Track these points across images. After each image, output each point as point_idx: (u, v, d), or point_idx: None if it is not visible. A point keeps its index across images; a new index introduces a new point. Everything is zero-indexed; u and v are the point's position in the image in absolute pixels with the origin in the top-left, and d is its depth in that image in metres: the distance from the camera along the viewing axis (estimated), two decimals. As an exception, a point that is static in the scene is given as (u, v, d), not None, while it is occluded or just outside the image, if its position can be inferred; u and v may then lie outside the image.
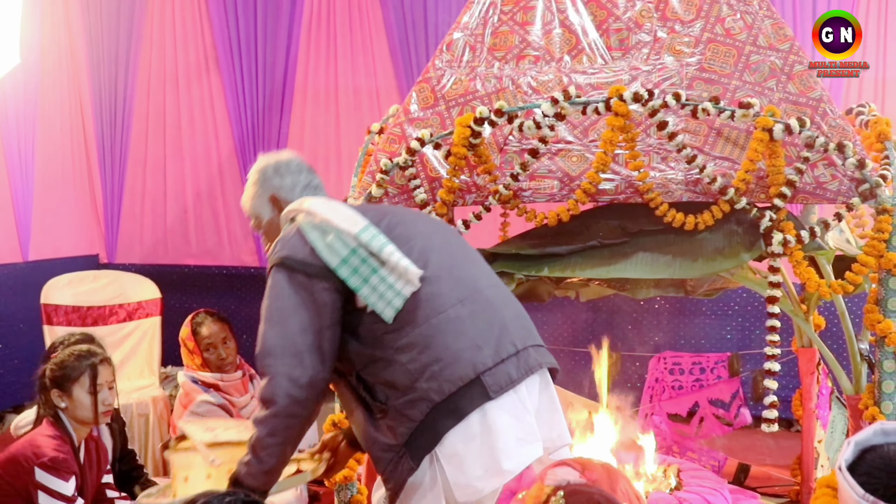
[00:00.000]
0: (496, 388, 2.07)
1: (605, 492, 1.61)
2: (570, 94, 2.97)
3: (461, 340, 2.09)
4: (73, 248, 5.97)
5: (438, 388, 2.04)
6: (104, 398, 2.86)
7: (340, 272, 2.09)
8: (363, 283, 2.09)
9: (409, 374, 2.06)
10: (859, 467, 1.50)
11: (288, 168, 2.43)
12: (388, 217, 2.26)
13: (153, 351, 4.92)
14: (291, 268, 2.13)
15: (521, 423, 2.11)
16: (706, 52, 3.12)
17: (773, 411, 3.00)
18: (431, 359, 2.06)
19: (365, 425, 2.14)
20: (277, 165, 2.43)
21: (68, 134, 5.96)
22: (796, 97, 3.00)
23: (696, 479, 3.71)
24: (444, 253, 2.23)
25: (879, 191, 2.86)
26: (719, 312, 5.43)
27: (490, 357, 2.09)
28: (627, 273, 3.07)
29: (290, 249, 2.16)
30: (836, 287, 2.96)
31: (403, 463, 2.06)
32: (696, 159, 2.93)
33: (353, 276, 2.09)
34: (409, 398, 2.05)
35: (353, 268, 2.10)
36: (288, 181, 2.41)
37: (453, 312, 2.12)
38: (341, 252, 2.11)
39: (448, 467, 2.04)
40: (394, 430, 2.07)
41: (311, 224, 2.16)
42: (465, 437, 2.05)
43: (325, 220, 2.15)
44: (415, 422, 2.05)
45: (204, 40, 6.06)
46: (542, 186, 3.09)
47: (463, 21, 3.36)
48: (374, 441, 2.12)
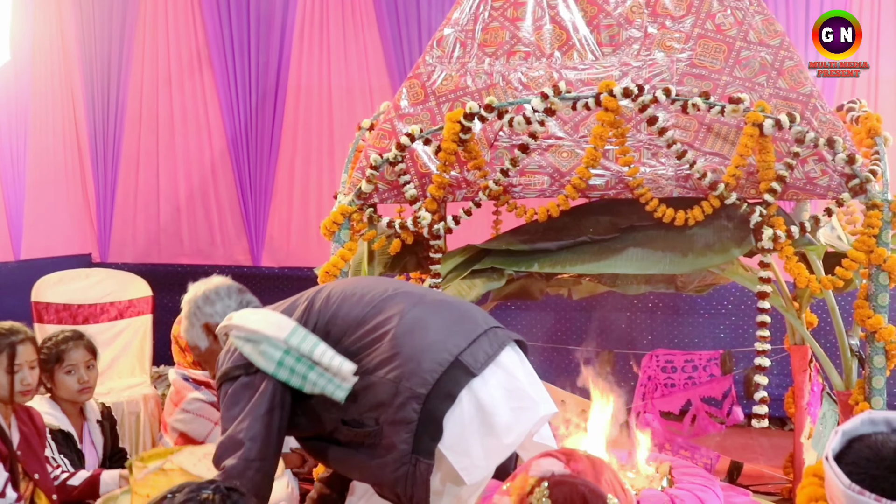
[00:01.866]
0: (477, 364, 2.10)
1: (589, 483, 1.60)
2: (560, 89, 2.96)
3: (429, 335, 2.14)
4: (65, 247, 5.95)
5: (422, 380, 2.05)
6: (23, 377, 2.86)
7: (279, 376, 2.16)
8: (304, 382, 2.16)
9: (389, 384, 2.09)
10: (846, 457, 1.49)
11: (217, 295, 2.50)
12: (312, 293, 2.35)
13: (144, 349, 4.90)
14: (235, 377, 2.21)
15: (512, 391, 2.14)
16: (696, 47, 3.12)
17: (764, 407, 3.00)
18: (405, 360, 2.09)
19: (366, 461, 2.15)
20: (206, 294, 2.51)
21: (60, 132, 5.94)
22: (787, 93, 3.00)
23: (687, 476, 3.70)
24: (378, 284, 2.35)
25: (869, 186, 2.86)
26: (712, 311, 5.43)
27: (462, 339, 2.14)
28: (618, 269, 3.07)
29: (230, 362, 2.23)
30: (826, 282, 2.95)
31: (420, 466, 2.06)
32: (687, 155, 2.93)
33: (292, 377, 2.16)
34: (398, 403, 2.07)
35: (289, 369, 2.16)
36: (219, 307, 2.48)
37: (411, 316, 2.18)
38: (274, 356, 2.16)
39: (452, 455, 2.06)
40: (394, 443, 2.07)
41: (241, 338, 2.22)
42: (460, 423, 2.06)
43: (252, 332, 2.19)
44: (412, 422, 2.05)
45: (197, 39, 6.05)
46: (532, 182, 3.08)
47: (453, 17, 3.36)
48: (383, 467, 2.11)
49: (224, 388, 2.23)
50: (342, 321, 2.22)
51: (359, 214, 3.19)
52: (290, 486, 3.81)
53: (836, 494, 1.45)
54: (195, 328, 2.51)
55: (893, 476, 1.41)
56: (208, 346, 2.51)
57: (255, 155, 6.03)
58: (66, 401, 3.22)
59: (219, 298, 2.50)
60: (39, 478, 2.84)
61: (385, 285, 2.33)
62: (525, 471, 1.66)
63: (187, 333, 2.53)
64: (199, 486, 1.48)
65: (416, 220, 3.12)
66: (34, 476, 2.83)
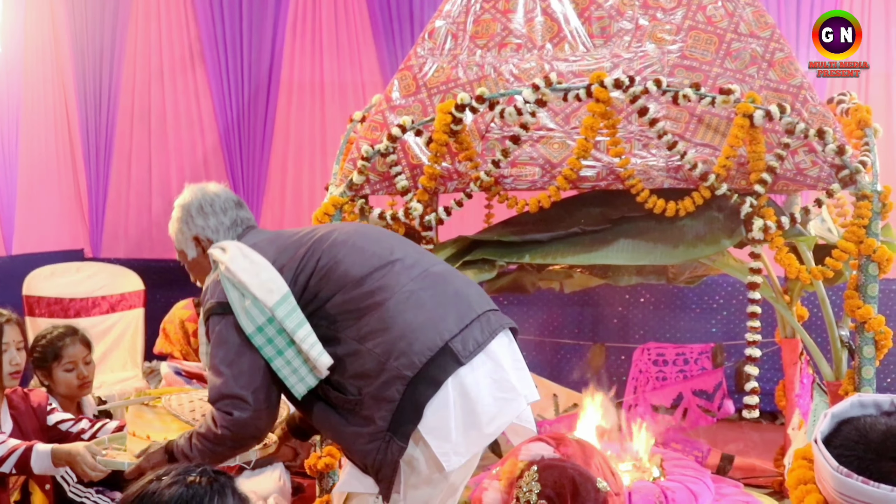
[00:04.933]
0: (465, 353, 2.09)
1: (578, 466, 1.61)
2: (552, 80, 2.96)
3: (422, 313, 2.11)
4: (57, 242, 5.93)
5: (409, 362, 2.05)
6: (11, 358, 2.86)
7: (255, 340, 2.13)
8: (277, 355, 2.13)
9: (376, 357, 2.08)
10: (835, 439, 1.50)
11: (213, 208, 2.43)
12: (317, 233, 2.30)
13: (136, 343, 4.91)
14: (225, 313, 2.17)
15: (498, 382, 2.13)
16: (687, 39, 3.13)
17: (755, 397, 3.01)
18: (396, 336, 2.08)
19: (343, 425, 2.15)
20: (202, 204, 2.43)
21: (52, 127, 5.93)
22: (777, 84, 3.01)
23: (679, 468, 3.71)
24: (382, 242, 2.28)
25: (859, 177, 2.87)
26: (704, 306, 5.44)
27: (454, 324, 2.12)
28: (609, 259, 3.08)
29: (219, 296, 2.19)
30: (816, 273, 2.97)
31: (392, 446, 2.06)
32: (677, 146, 2.93)
33: (267, 346, 2.13)
34: (383, 380, 2.06)
35: (267, 337, 2.14)
36: (212, 222, 2.42)
37: (407, 290, 2.15)
38: (257, 320, 2.13)
39: (431, 439, 2.05)
40: (373, 417, 2.07)
41: (229, 281, 2.18)
42: (443, 407, 2.06)
43: (242, 284, 2.15)
44: (394, 402, 2.05)
45: (189, 34, 6.04)
46: (523, 173, 3.08)
47: (445, 9, 3.36)
48: (357, 436, 2.11)
49: (212, 321, 2.20)
50: (340, 277, 2.18)
51: (350, 205, 3.18)
52: (281, 478, 3.81)
53: (825, 477, 1.46)
54: (184, 235, 2.43)
55: (881, 458, 1.42)
56: (195, 257, 2.45)
57: (248, 150, 6.02)
58: (64, 396, 3.22)
59: (213, 213, 2.42)
60: None
61: (390, 245, 2.28)
62: (515, 455, 1.68)
63: (176, 236, 2.46)
64: (185, 469, 1.48)
65: (408, 211, 3.12)
66: None
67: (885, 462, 1.41)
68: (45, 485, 2.87)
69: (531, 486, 1.56)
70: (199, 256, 2.42)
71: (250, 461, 2.79)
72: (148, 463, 2.26)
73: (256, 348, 2.13)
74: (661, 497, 3.40)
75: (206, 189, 2.47)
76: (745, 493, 3.81)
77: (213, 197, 2.44)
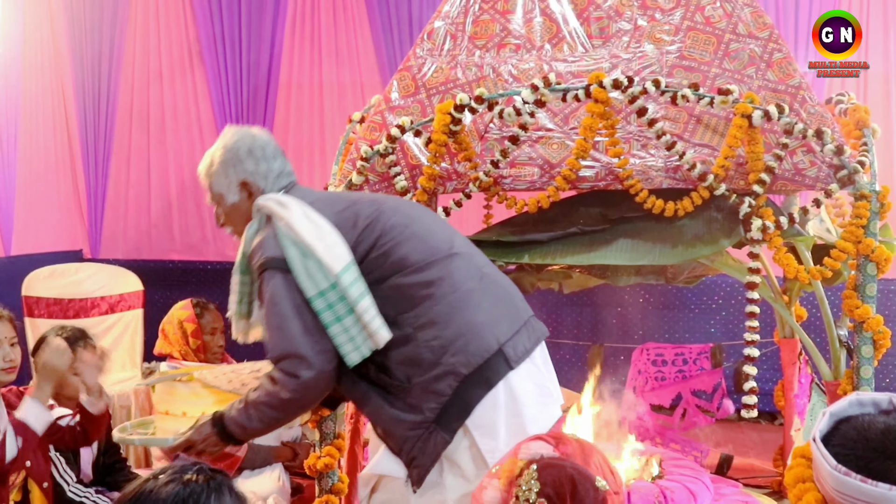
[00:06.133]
0: (515, 358, 2.15)
1: (578, 465, 1.62)
2: (551, 80, 2.97)
3: (480, 314, 2.14)
4: (56, 243, 5.95)
5: (466, 361, 2.08)
6: (5, 354, 2.84)
7: (315, 303, 2.09)
8: (336, 321, 2.09)
9: (433, 350, 2.10)
10: (833, 438, 1.50)
11: (263, 153, 2.34)
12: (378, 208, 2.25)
13: (135, 343, 4.91)
14: (283, 269, 2.11)
15: (540, 388, 2.21)
16: (686, 39, 3.13)
17: (753, 397, 3.02)
18: (455, 333, 2.10)
19: (383, 407, 2.15)
20: (252, 147, 2.33)
21: (51, 128, 5.94)
22: (775, 84, 3.01)
23: (678, 468, 3.72)
24: (442, 232, 2.28)
25: (857, 177, 2.87)
26: (703, 306, 5.45)
27: (507, 329, 2.17)
28: (608, 259, 3.08)
29: (275, 251, 2.13)
30: (814, 273, 2.97)
31: (435, 438, 2.09)
32: (676, 146, 2.94)
33: (326, 311, 2.09)
34: (435, 373, 2.08)
35: (328, 303, 2.09)
36: (263, 168, 2.32)
37: (468, 288, 2.17)
38: (320, 284, 2.09)
39: (479, 437, 2.09)
40: (420, 407, 2.10)
41: (290, 239, 2.13)
42: (493, 407, 2.11)
43: (306, 245, 2.10)
44: (445, 396, 2.08)
45: (188, 34, 6.06)
46: (522, 173, 3.09)
47: (444, 10, 3.37)
48: (398, 421, 2.13)
49: (269, 276, 2.13)
50: (400, 260, 2.17)
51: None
52: (280, 479, 3.83)
53: (824, 475, 1.46)
54: (229, 179, 2.31)
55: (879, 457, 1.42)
56: (236, 203, 2.33)
57: (247, 151, 6.03)
58: (67, 398, 3.20)
59: (263, 158, 2.32)
60: (31, 465, 2.83)
61: (449, 238, 2.27)
62: (514, 454, 1.68)
63: (215, 178, 2.34)
64: (182, 467, 1.49)
65: (407, 211, 3.12)
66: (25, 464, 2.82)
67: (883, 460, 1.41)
68: (42, 483, 2.88)
69: (530, 485, 1.56)
70: (242, 203, 2.32)
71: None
72: (199, 435, 2.23)
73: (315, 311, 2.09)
74: (660, 496, 3.41)
75: (253, 132, 2.38)
76: (743, 493, 3.82)
77: (263, 142, 2.35)
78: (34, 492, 2.88)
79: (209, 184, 2.36)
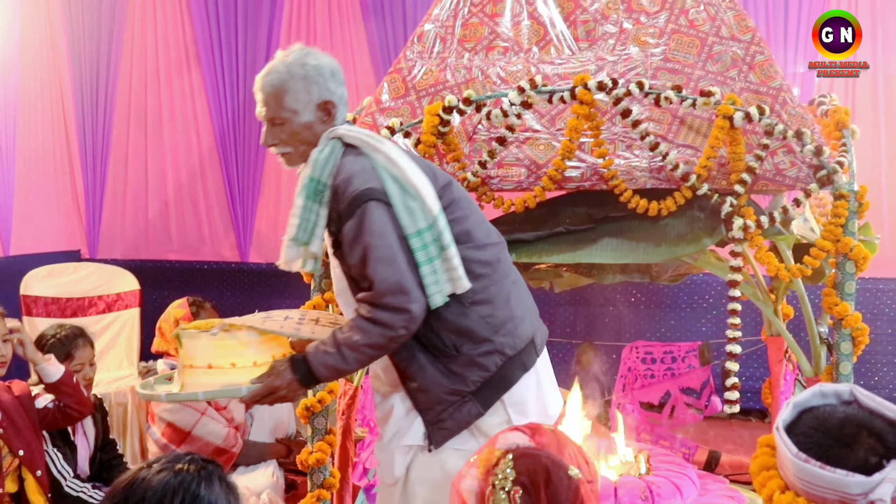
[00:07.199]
0: (540, 347, 2.33)
1: (552, 455, 1.67)
2: (537, 83, 3.03)
3: (521, 304, 2.29)
4: (54, 243, 5.99)
5: (513, 343, 2.21)
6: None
7: (412, 241, 2.06)
8: (427, 262, 2.08)
9: (487, 326, 2.18)
10: (796, 427, 1.55)
11: (342, 78, 2.26)
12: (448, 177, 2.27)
13: (132, 342, 4.97)
14: (386, 202, 2.07)
15: (551, 378, 2.39)
16: (670, 42, 3.19)
17: (735, 392, 3.07)
18: (508, 316, 2.21)
19: (428, 367, 2.19)
20: (334, 70, 2.23)
21: (50, 129, 5.99)
22: (757, 86, 3.07)
23: (665, 464, 3.78)
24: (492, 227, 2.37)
25: (836, 177, 2.93)
26: (694, 305, 5.50)
27: (535, 321, 2.33)
28: (593, 258, 3.14)
29: (376, 182, 2.09)
30: (794, 271, 3.03)
31: (469, 407, 2.19)
32: (660, 147, 2.99)
33: (421, 251, 2.07)
34: (485, 349, 2.18)
35: (423, 242, 2.08)
36: (341, 93, 2.24)
37: (512, 279, 2.31)
38: (419, 223, 2.07)
39: (513, 413, 2.21)
40: (464, 377, 2.19)
41: (390, 174, 2.10)
42: (526, 388, 2.26)
43: (409, 182, 2.08)
44: (489, 372, 2.19)
45: (185, 36, 6.09)
46: (509, 174, 3.14)
47: (434, 13, 3.42)
48: (438, 384, 2.19)
49: (371, 208, 2.06)
50: (466, 232, 2.19)
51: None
52: (275, 475, 3.87)
53: (786, 463, 1.52)
54: (311, 97, 2.19)
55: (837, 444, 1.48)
56: (309, 123, 2.21)
57: (243, 151, 6.08)
58: None
59: (342, 84, 2.25)
60: (24, 454, 2.88)
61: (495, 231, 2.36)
62: (492, 444, 1.74)
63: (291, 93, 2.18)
64: (174, 457, 1.54)
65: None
66: (18, 453, 2.88)
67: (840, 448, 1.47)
68: (36, 471, 2.93)
69: (506, 474, 1.62)
70: (315, 124, 2.21)
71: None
72: (282, 380, 2.13)
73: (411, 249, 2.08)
74: (647, 491, 3.47)
75: (326, 55, 2.27)
76: (730, 488, 3.88)
77: (337, 66, 2.26)
78: (28, 480, 2.93)
79: (282, 98, 2.19)
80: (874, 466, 1.44)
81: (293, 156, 2.25)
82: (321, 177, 2.14)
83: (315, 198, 2.15)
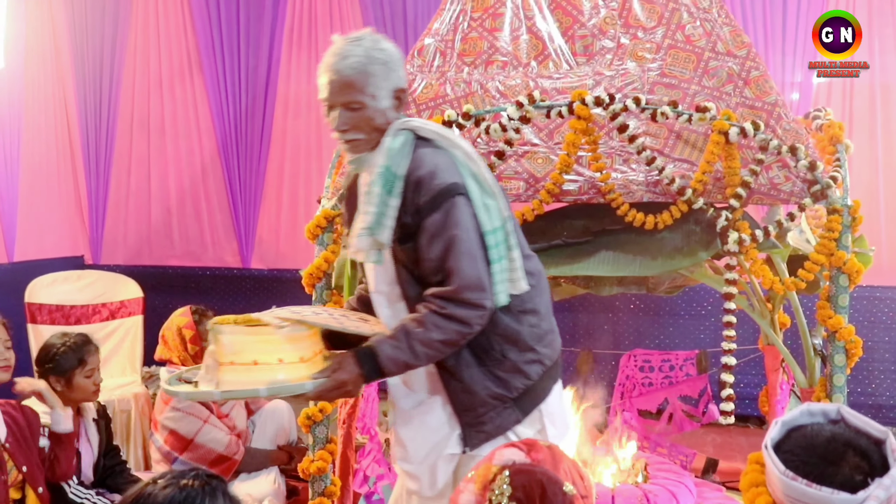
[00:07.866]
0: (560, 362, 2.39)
1: (548, 471, 1.71)
2: (535, 98, 3.07)
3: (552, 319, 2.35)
4: (58, 249, 6.02)
5: (551, 354, 2.29)
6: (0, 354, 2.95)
7: (488, 239, 2.09)
8: (499, 260, 2.12)
9: (534, 336, 2.24)
10: (784, 445, 1.60)
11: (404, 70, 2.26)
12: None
13: (135, 349, 5.00)
14: (468, 197, 2.10)
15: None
16: (667, 57, 3.23)
17: (730, 404, 3.11)
18: (549, 327, 2.30)
19: (475, 368, 2.21)
20: (401, 60, 2.23)
21: (53, 136, 6.01)
22: (752, 101, 3.11)
23: (662, 472, 3.82)
24: None
25: (830, 191, 2.97)
26: (693, 313, 5.53)
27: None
28: (590, 271, 3.18)
29: (458, 177, 2.10)
30: (789, 283, 3.07)
31: (509, 413, 2.23)
32: (656, 161, 3.04)
33: (494, 249, 2.10)
34: (530, 358, 2.23)
35: (497, 241, 2.11)
36: (406, 83, 2.25)
37: (549, 292, 2.37)
38: (494, 222, 2.11)
39: (548, 422, 2.28)
40: (507, 382, 2.22)
41: (469, 171, 2.12)
42: (558, 399, 2.36)
43: (485, 181, 2.13)
44: (531, 380, 2.24)
45: (187, 43, 6.13)
46: (508, 187, 3.18)
47: (434, 27, 3.46)
48: (483, 386, 2.21)
49: (458, 202, 2.07)
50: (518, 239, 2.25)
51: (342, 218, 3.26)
52: (276, 482, 3.92)
53: (774, 480, 1.57)
54: (390, 82, 2.16)
55: (823, 463, 1.52)
56: (384, 109, 2.17)
57: (245, 158, 6.11)
58: (73, 401, 3.28)
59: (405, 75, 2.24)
60: (27, 471, 2.92)
61: None
62: (489, 460, 1.78)
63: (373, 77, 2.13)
64: (180, 473, 1.58)
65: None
66: (22, 469, 2.92)
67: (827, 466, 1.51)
68: (37, 488, 2.96)
69: (503, 490, 1.66)
70: (388, 111, 2.17)
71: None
72: (348, 374, 2.07)
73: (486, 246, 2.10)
74: (644, 499, 3.51)
75: None
76: (726, 496, 3.92)
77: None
78: (30, 496, 2.97)
79: (364, 82, 2.14)
80: (859, 484, 1.48)
81: (362, 143, 2.19)
82: (395, 167, 2.12)
83: (387, 187, 2.12)
